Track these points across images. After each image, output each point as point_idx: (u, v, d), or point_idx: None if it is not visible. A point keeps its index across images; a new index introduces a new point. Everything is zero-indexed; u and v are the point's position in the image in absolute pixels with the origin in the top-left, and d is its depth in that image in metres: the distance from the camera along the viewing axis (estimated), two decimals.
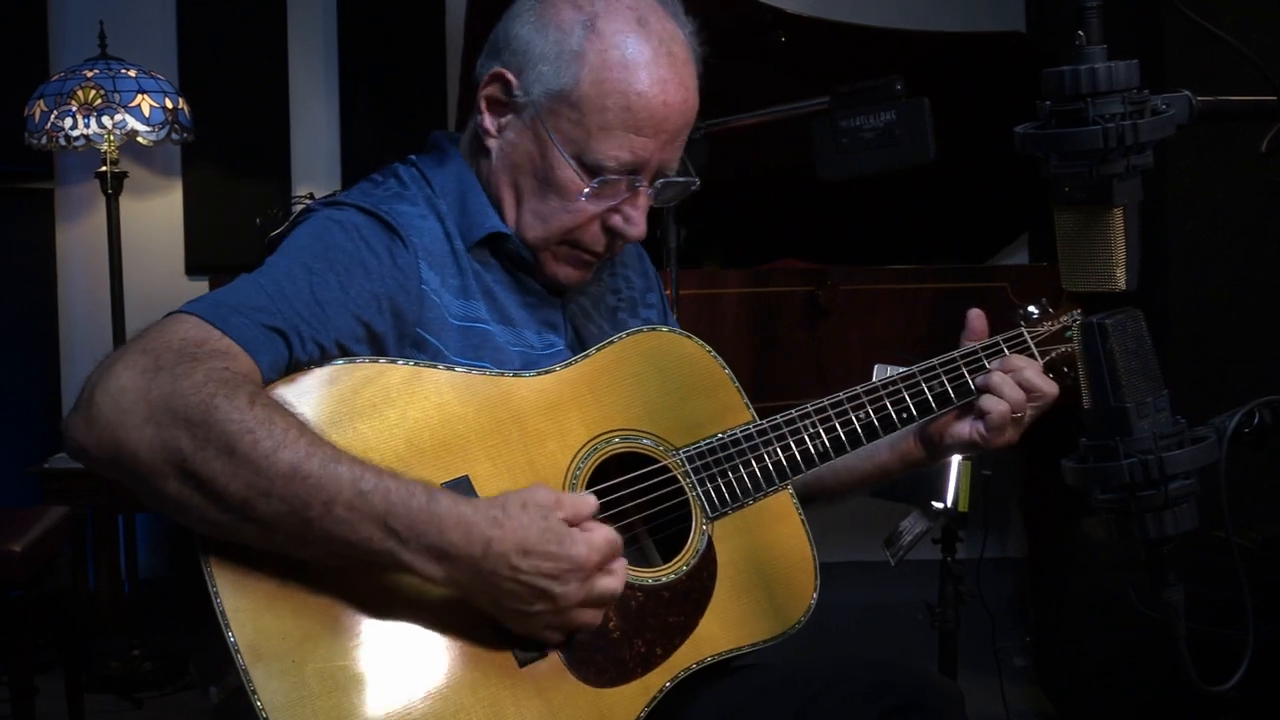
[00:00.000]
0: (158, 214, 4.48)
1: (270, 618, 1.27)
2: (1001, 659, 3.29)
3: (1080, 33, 1.16)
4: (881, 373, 2.13)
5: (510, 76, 1.49)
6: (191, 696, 3.75)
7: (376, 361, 1.39)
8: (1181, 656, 1.22)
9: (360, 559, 1.27)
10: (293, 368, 1.34)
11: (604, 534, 1.35)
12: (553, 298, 1.58)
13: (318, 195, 3.79)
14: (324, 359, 1.36)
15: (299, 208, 3.79)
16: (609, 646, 1.42)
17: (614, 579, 1.36)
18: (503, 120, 1.52)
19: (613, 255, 1.59)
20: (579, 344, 1.59)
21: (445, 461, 1.37)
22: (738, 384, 1.60)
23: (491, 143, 1.53)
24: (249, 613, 1.26)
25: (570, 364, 1.52)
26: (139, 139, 3.99)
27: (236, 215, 4.31)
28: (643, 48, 1.47)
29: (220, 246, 4.42)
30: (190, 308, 1.31)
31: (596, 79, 1.46)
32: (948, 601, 2.67)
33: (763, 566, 1.54)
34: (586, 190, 1.49)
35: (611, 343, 1.55)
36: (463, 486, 1.38)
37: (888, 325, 3.39)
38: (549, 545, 1.30)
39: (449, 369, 1.43)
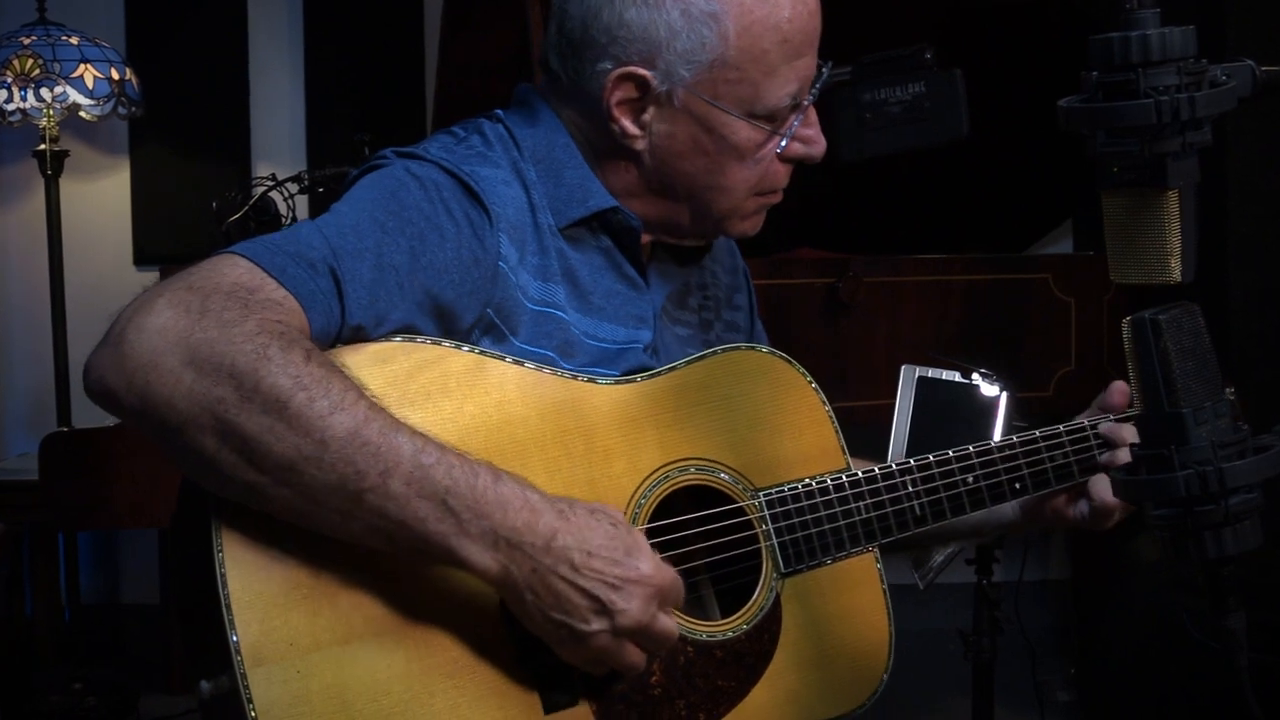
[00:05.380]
0: (102, 197, 4.49)
1: (280, 620, 1.27)
2: (1043, 693, 3.30)
3: None
4: (909, 374, 2.13)
5: (642, 71, 1.46)
6: None
7: (440, 344, 1.39)
8: (1243, 689, 1.23)
9: (407, 543, 1.27)
10: (344, 335, 1.34)
11: (672, 571, 1.36)
12: (645, 288, 1.57)
13: (280, 176, 3.80)
14: (376, 332, 1.36)
15: (257, 187, 3.80)
16: (646, 703, 1.41)
17: (672, 621, 1.36)
18: (645, 117, 1.49)
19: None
20: (660, 343, 1.58)
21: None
22: (836, 424, 1.58)
23: (640, 144, 1.50)
24: (258, 610, 1.26)
25: (654, 375, 1.50)
26: (82, 114, 3.99)
27: (190, 199, 4.32)
28: None
29: (172, 233, 4.42)
30: (242, 249, 1.31)
31: (743, 27, 1.45)
32: (983, 629, 2.67)
33: (832, 637, 1.53)
34: (766, 141, 1.50)
35: (704, 357, 1.54)
36: None
37: (916, 321, 3.39)
38: (615, 552, 1.31)
39: (517, 363, 1.42)
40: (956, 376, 2.24)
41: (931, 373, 2.20)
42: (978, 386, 2.25)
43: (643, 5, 1.45)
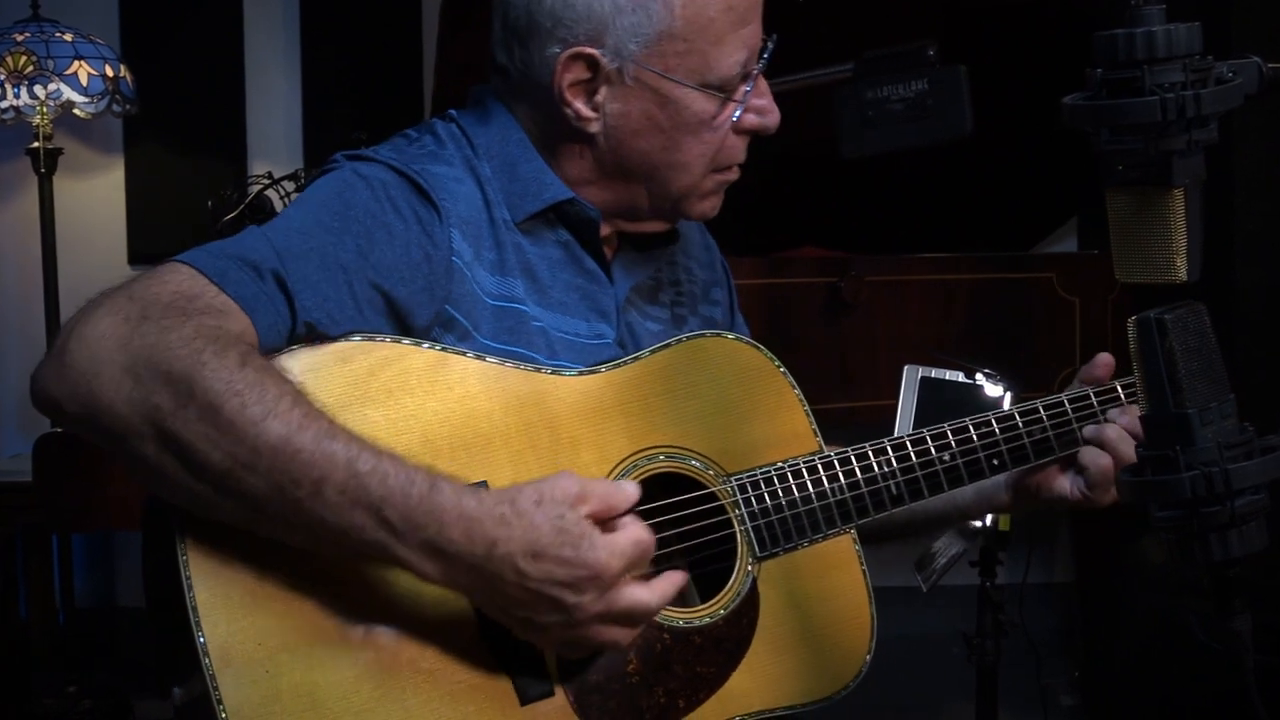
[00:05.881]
0: (97, 196, 4.49)
1: (247, 620, 1.27)
2: (1047, 696, 3.30)
3: None
4: (912, 374, 2.14)
5: (590, 50, 1.46)
6: None
7: (400, 342, 1.39)
8: (1250, 693, 1.23)
9: (352, 548, 1.28)
10: (295, 336, 1.34)
11: (631, 536, 1.33)
12: (607, 282, 1.58)
13: (276, 175, 3.80)
14: (332, 330, 1.36)
15: (253, 185, 3.80)
16: (625, 691, 1.41)
17: (645, 591, 1.34)
18: (597, 98, 1.50)
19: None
20: (630, 338, 1.58)
21: (463, 463, 1.37)
22: (808, 407, 1.59)
23: (594, 126, 1.50)
24: (224, 612, 1.27)
25: (619, 365, 1.51)
26: (76, 111, 3.99)
27: (185, 197, 4.31)
28: None
29: (167, 232, 4.41)
30: (186, 257, 1.32)
31: None
32: (987, 632, 2.67)
33: (811, 619, 1.53)
34: (720, 111, 1.50)
35: (669, 345, 1.54)
36: None
37: (919, 321, 3.39)
38: (563, 549, 1.29)
39: (479, 358, 1.43)
40: (960, 377, 2.24)
41: (935, 373, 2.20)
42: (981, 387, 2.26)
43: None
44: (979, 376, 2.25)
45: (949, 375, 2.22)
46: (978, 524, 2.52)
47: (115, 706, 3.84)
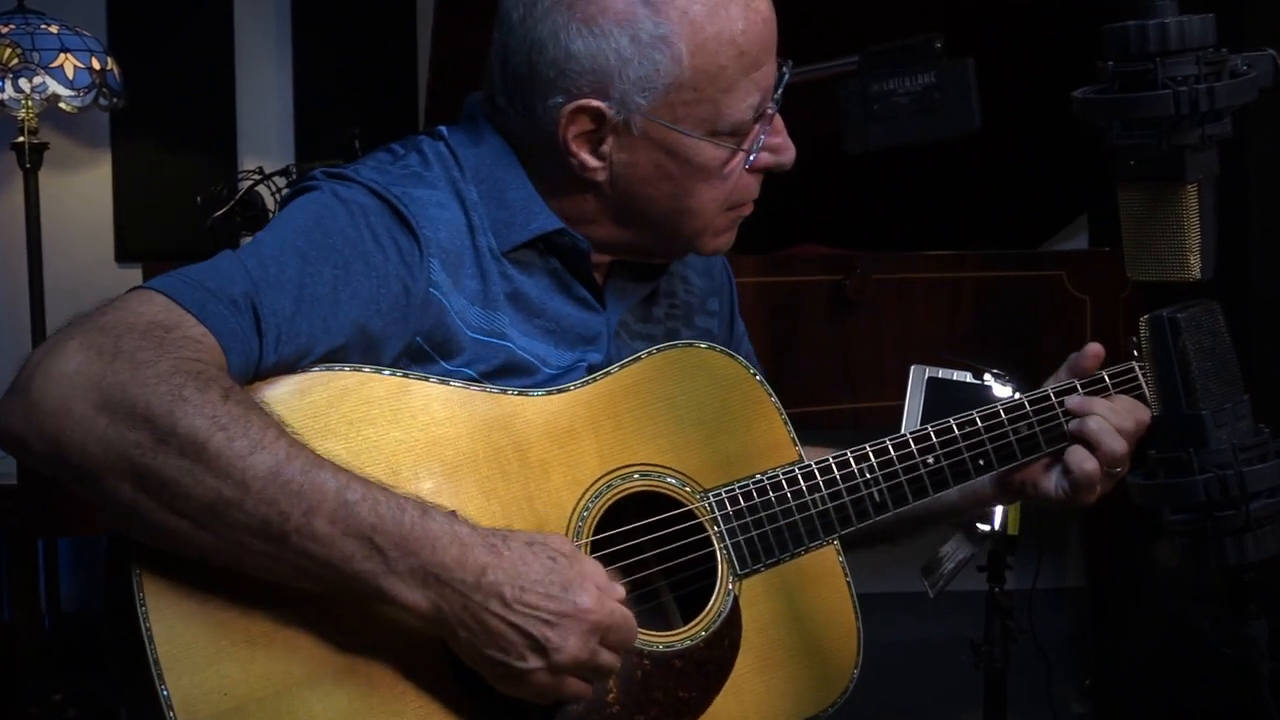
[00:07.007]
0: (83, 191, 4.49)
1: (211, 671, 1.27)
2: (1057, 704, 3.30)
3: None
4: (918, 375, 2.13)
5: (595, 103, 1.45)
6: None
7: (360, 370, 1.38)
8: (1264, 701, 1.23)
9: (335, 583, 1.27)
10: (262, 370, 1.33)
11: (625, 611, 1.35)
12: (599, 308, 1.57)
13: (267, 170, 3.80)
14: (301, 363, 1.36)
15: (243, 181, 3.80)
16: None
17: (615, 656, 1.36)
18: (603, 148, 1.48)
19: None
20: (619, 360, 1.56)
21: (429, 493, 1.36)
22: (785, 417, 1.58)
23: (600, 175, 1.50)
24: (187, 663, 1.26)
25: (588, 382, 1.50)
26: (61, 105, 3.99)
27: (174, 194, 4.31)
28: None
29: (155, 229, 4.42)
30: (159, 285, 1.31)
31: (696, 46, 1.44)
32: (995, 638, 2.67)
33: (796, 637, 1.53)
34: (732, 157, 1.50)
35: (639, 359, 1.53)
36: None
37: (925, 320, 3.39)
38: (551, 587, 1.30)
39: (443, 382, 1.42)
40: (968, 377, 2.24)
41: (942, 373, 2.20)
42: (990, 387, 2.25)
43: (589, 35, 1.44)
44: (987, 377, 2.25)
45: (956, 375, 2.21)
46: (985, 528, 2.52)
47: (102, 714, 3.84)
